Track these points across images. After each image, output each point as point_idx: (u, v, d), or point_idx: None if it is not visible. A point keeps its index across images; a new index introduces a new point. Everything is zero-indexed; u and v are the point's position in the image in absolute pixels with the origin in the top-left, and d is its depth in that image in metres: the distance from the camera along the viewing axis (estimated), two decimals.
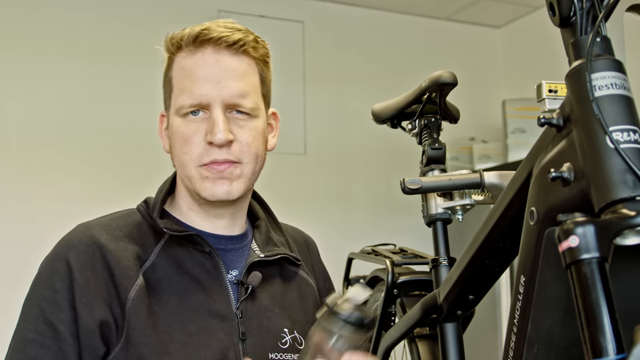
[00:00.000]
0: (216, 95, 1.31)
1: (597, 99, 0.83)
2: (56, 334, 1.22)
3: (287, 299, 1.44)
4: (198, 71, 1.33)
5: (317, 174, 4.10)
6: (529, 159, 1.01)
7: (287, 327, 1.40)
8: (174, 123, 1.36)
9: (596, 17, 0.89)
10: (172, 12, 3.73)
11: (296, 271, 1.50)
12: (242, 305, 1.34)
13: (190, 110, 1.33)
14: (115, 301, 1.25)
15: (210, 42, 1.34)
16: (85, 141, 3.59)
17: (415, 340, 1.65)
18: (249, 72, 1.37)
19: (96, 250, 1.28)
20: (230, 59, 1.35)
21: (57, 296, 1.24)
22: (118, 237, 1.32)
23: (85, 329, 1.22)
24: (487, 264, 1.22)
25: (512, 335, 1.06)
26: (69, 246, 1.29)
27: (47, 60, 3.57)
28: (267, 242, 1.46)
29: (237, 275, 1.38)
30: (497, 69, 4.72)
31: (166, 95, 1.40)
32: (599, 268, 0.75)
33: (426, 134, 1.63)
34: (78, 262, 1.26)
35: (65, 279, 1.25)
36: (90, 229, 1.32)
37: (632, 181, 0.79)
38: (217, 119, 1.31)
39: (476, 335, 2.16)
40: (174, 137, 1.36)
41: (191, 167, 1.33)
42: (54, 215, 3.38)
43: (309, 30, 4.15)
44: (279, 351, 1.36)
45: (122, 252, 1.29)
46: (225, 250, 1.40)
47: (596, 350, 0.73)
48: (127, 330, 1.23)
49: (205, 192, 1.33)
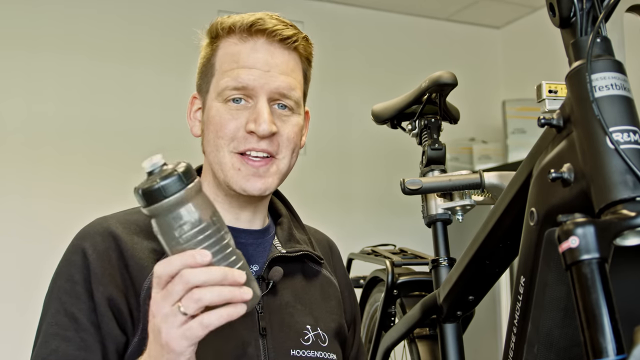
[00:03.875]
0: (264, 83, 1.30)
1: (597, 100, 0.83)
2: (77, 324, 1.21)
3: (310, 296, 1.41)
4: (248, 58, 1.31)
5: (317, 174, 4.10)
6: (529, 160, 1.01)
7: (310, 324, 1.36)
8: (212, 107, 1.33)
9: (596, 17, 0.89)
10: (172, 11, 3.73)
11: (319, 270, 1.46)
12: (263, 300, 1.31)
13: (233, 97, 1.31)
14: (130, 291, 1.24)
15: (264, 33, 1.33)
16: (87, 139, 3.59)
17: (415, 340, 1.65)
18: (297, 69, 1.37)
19: (112, 240, 1.27)
20: (282, 52, 1.35)
21: (76, 287, 1.24)
22: (134, 232, 1.30)
23: (104, 316, 1.21)
24: (487, 264, 1.22)
25: (512, 336, 1.06)
26: (85, 237, 1.28)
27: (49, 57, 3.57)
28: (289, 239, 1.43)
29: (258, 270, 1.35)
30: (497, 69, 4.72)
31: (204, 79, 1.38)
32: (599, 269, 0.75)
33: (426, 134, 1.63)
34: (95, 252, 1.26)
35: (83, 269, 1.25)
36: (107, 221, 1.31)
37: (632, 182, 0.79)
38: (263, 108, 1.29)
39: (476, 336, 2.16)
40: (210, 121, 1.33)
41: (225, 153, 1.31)
42: (56, 213, 3.39)
43: (309, 30, 4.11)
44: (301, 348, 1.32)
45: (137, 245, 1.28)
46: (246, 245, 1.37)
47: (596, 350, 0.73)
48: (142, 321, 1.22)
49: (235, 185, 1.31)
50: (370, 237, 3.14)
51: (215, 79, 1.34)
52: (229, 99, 1.31)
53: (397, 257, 1.79)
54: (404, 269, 1.74)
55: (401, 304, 1.70)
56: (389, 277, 1.68)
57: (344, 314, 1.48)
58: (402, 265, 1.75)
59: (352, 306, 1.53)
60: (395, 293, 1.69)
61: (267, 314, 1.31)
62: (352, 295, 1.56)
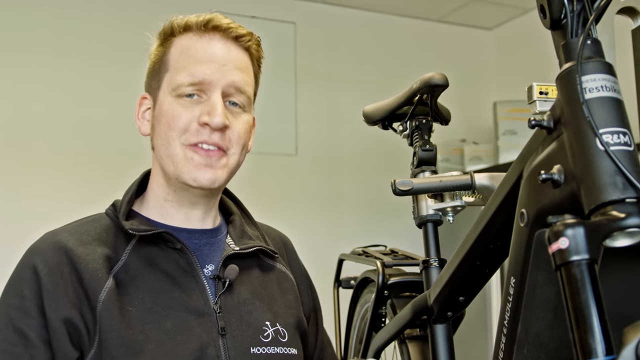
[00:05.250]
0: (219, 78, 1.31)
1: (588, 101, 0.84)
2: (26, 341, 1.20)
3: (267, 291, 1.42)
4: (205, 52, 1.33)
5: (309, 175, 4.10)
6: (520, 161, 1.01)
7: (269, 320, 1.37)
8: (164, 101, 1.34)
9: (587, 19, 0.90)
10: (163, 10, 3.71)
11: (274, 264, 1.48)
12: (221, 299, 1.32)
13: (187, 92, 1.31)
14: (85, 305, 1.23)
15: (219, 30, 1.35)
16: (76, 139, 3.58)
17: (405, 341, 1.65)
18: (249, 68, 1.39)
19: (63, 255, 1.26)
20: (237, 49, 1.37)
21: (26, 303, 1.23)
22: (86, 241, 1.30)
23: (56, 333, 1.20)
24: (477, 265, 1.22)
25: (502, 337, 1.06)
26: (36, 253, 1.28)
27: (37, 58, 3.56)
28: (241, 236, 1.44)
29: (214, 270, 1.36)
30: (488, 70, 4.73)
31: (155, 77, 1.38)
32: (588, 270, 0.75)
33: (417, 135, 1.63)
34: (45, 267, 1.25)
35: (33, 285, 1.23)
36: (57, 235, 1.31)
37: (622, 183, 0.79)
38: (217, 101, 1.30)
39: (467, 337, 2.17)
40: (162, 115, 1.33)
41: (176, 145, 1.31)
42: (44, 215, 3.36)
43: (300, 31, 4.15)
44: (261, 345, 1.33)
45: (90, 255, 1.27)
46: (199, 245, 1.38)
47: (586, 351, 0.73)
48: (99, 334, 1.21)
49: (186, 175, 1.31)
50: (361, 238, 3.14)
51: (169, 74, 1.34)
52: (183, 94, 1.32)
53: (387, 258, 1.79)
54: (394, 269, 1.74)
55: (392, 305, 1.70)
56: (380, 278, 1.68)
57: (302, 307, 1.49)
58: (393, 266, 1.75)
59: (309, 298, 1.55)
60: (385, 294, 1.69)
61: (225, 313, 1.32)
62: (309, 288, 1.59)
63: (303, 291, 1.53)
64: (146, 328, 1.24)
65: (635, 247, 0.80)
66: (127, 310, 1.25)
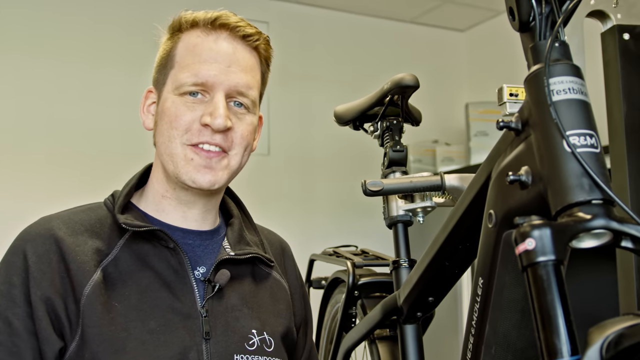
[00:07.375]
0: (223, 79, 1.30)
1: (555, 104, 0.84)
2: (10, 329, 1.20)
3: (258, 299, 1.40)
4: (210, 51, 1.31)
5: (281, 174, 4.10)
6: (488, 162, 1.02)
7: (256, 328, 1.35)
8: (168, 98, 1.32)
9: (555, 22, 0.90)
10: (137, 11, 3.70)
11: (269, 272, 1.45)
12: (208, 303, 1.30)
13: (190, 91, 1.30)
14: (70, 297, 1.22)
15: (227, 28, 1.34)
16: (46, 140, 3.54)
17: (375, 341, 1.65)
18: (256, 68, 1.38)
19: (53, 243, 1.25)
20: (244, 49, 1.35)
21: (13, 290, 1.22)
22: (78, 232, 1.29)
23: (41, 321, 1.20)
24: (446, 266, 1.23)
25: (470, 337, 1.07)
26: (27, 239, 1.27)
27: (10, 58, 3.51)
28: (239, 241, 1.42)
29: (205, 272, 1.33)
30: (460, 72, 4.76)
31: (162, 72, 1.37)
32: (554, 271, 0.76)
33: (388, 136, 1.64)
34: (35, 254, 1.24)
35: (22, 272, 1.23)
36: (50, 222, 1.29)
37: (588, 185, 0.80)
38: (219, 103, 1.29)
39: (437, 337, 2.18)
40: (165, 112, 1.32)
41: (177, 144, 1.30)
42: (13, 215, 3.33)
43: (274, 31, 4.14)
44: (245, 352, 1.31)
45: (80, 247, 1.26)
46: (193, 246, 1.36)
47: (551, 352, 0.73)
48: (82, 327, 1.20)
49: (185, 176, 1.30)
50: (333, 239, 3.14)
51: (174, 71, 1.33)
52: (185, 92, 1.31)
53: (358, 258, 1.80)
54: (365, 270, 1.75)
55: (362, 305, 1.70)
56: (350, 278, 1.68)
57: (294, 317, 1.47)
58: (363, 267, 1.75)
59: (302, 309, 1.53)
60: (356, 294, 1.69)
61: (211, 318, 1.30)
62: (303, 298, 1.56)
63: (296, 301, 1.51)
64: (129, 326, 1.23)
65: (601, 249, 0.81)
66: (112, 306, 1.23)
